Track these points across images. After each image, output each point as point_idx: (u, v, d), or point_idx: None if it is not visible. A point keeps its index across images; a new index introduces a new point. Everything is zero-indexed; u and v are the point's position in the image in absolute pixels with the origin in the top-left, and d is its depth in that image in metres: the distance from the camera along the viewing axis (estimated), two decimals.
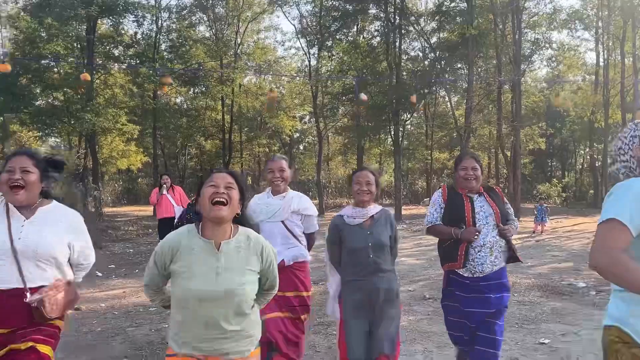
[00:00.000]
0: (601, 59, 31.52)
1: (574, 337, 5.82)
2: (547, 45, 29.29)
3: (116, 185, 38.60)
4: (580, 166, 47.23)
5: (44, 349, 2.69)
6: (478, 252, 3.84)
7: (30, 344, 2.65)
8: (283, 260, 4.10)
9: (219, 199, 2.33)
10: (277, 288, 2.70)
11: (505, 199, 4.19)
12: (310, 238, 4.51)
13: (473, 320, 3.87)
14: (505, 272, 4.01)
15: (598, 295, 8.05)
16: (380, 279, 3.70)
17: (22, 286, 2.66)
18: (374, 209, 3.85)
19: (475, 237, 3.80)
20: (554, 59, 33.66)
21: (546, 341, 5.66)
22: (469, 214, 3.96)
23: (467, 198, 4.04)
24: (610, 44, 29.47)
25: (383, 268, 3.71)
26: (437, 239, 4.15)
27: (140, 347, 5.71)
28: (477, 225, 3.89)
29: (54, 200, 2.94)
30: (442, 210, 4.05)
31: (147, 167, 37.32)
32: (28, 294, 2.65)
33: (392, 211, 4.11)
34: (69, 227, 2.89)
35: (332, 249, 3.91)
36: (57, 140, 36.08)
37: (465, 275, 3.89)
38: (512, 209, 4.20)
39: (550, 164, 52.64)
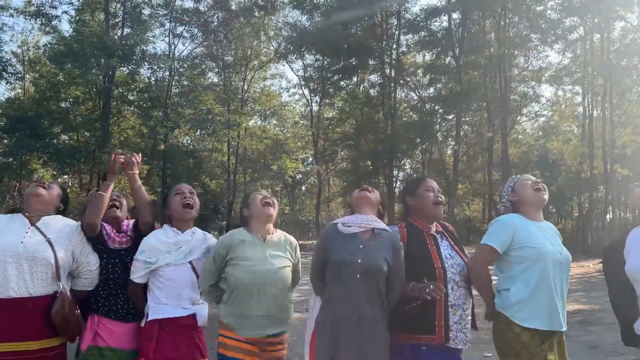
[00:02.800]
0: (588, 112, 33.32)
1: None
2: (535, 99, 31.22)
3: None
4: (577, 214, 48.35)
5: None
6: (460, 316, 2.83)
7: None
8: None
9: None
10: None
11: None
12: None
13: None
14: None
15: None
16: (363, 311, 2.71)
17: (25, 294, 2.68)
18: (378, 222, 2.92)
19: (437, 295, 2.60)
20: (542, 112, 35.55)
21: (489, 354, 6.96)
22: (437, 261, 2.82)
23: (431, 237, 2.92)
24: (595, 99, 31.28)
25: (372, 300, 2.74)
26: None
27: None
28: (448, 277, 2.79)
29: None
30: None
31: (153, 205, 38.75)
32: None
33: None
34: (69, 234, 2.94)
35: (314, 270, 2.93)
36: (66, 177, 37.73)
37: (452, 346, 2.79)
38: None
39: (547, 211, 54.04)
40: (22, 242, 2.73)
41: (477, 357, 6.89)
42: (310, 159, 43.40)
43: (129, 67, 25.33)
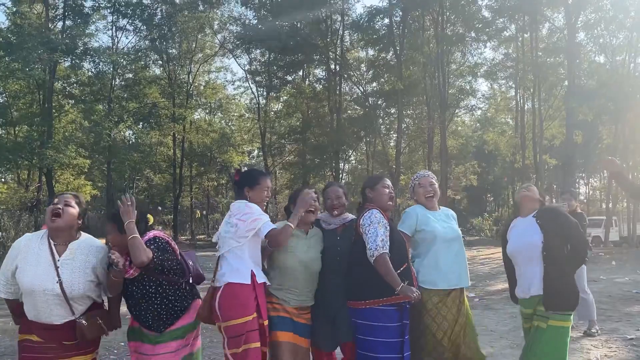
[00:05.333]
0: (520, 106, 35.32)
1: None
2: (471, 93, 32.90)
3: None
4: (512, 201, 50.66)
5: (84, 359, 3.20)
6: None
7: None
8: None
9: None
10: None
11: None
12: None
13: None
14: None
15: (480, 301, 10.37)
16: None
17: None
18: (346, 217, 3.85)
19: (414, 299, 3.31)
20: (479, 105, 37.38)
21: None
22: (408, 251, 3.64)
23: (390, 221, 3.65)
24: (526, 93, 33.25)
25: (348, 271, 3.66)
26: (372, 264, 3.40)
27: None
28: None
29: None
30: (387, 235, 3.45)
31: (94, 200, 38.08)
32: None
33: None
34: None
35: None
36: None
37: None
38: None
39: (485, 199, 56.48)
40: (57, 282, 3.00)
41: None
42: (257, 151, 43.69)
43: (72, 60, 24.87)
